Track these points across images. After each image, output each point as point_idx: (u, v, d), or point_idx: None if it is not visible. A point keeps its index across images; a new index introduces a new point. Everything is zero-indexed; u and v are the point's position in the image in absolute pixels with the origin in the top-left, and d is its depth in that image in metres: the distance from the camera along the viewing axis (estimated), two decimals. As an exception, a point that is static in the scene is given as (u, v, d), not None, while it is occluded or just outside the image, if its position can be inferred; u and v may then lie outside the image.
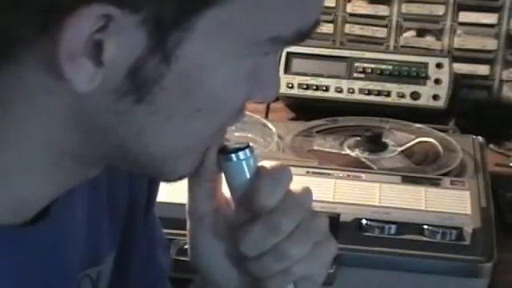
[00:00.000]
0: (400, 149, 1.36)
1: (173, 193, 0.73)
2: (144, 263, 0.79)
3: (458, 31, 1.65)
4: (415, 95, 1.56)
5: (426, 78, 1.56)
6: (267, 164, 0.65)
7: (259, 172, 0.65)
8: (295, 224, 0.64)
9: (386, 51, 1.66)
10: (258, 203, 0.64)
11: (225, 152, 0.64)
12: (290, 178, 0.65)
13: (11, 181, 0.58)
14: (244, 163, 0.64)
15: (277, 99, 1.61)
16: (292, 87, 1.59)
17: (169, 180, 0.64)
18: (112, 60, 0.52)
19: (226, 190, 0.67)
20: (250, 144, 0.65)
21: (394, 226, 1.11)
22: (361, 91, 1.57)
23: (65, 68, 0.52)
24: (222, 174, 0.66)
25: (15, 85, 0.55)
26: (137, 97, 0.54)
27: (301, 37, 0.57)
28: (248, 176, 0.65)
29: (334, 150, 1.36)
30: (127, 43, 0.52)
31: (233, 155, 0.64)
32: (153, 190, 0.79)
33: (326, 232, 0.67)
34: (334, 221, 1.09)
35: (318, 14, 0.58)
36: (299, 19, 0.56)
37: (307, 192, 0.67)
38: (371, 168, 1.29)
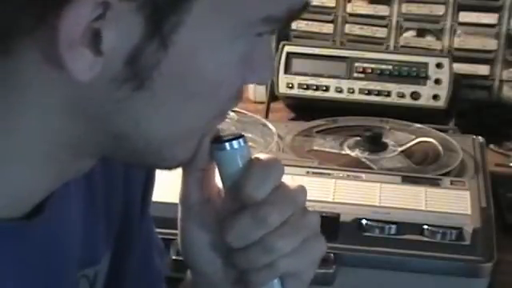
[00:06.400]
0: (400, 149, 1.36)
1: (171, 193, 0.73)
2: (141, 264, 0.79)
3: (458, 31, 1.65)
4: (415, 95, 1.56)
5: (426, 78, 1.56)
6: (260, 156, 0.65)
7: (251, 163, 0.64)
8: (283, 218, 0.64)
9: (386, 51, 1.65)
10: (246, 193, 0.63)
11: (218, 141, 0.64)
12: (282, 172, 0.65)
13: (6, 173, 0.58)
14: (237, 153, 0.64)
15: (277, 99, 1.61)
16: (292, 87, 1.59)
17: (169, 167, 0.64)
18: (111, 48, 0.52)
19: (218, 181, 0.67)
20: (243, 134, 0.65)
21: (394, 226, 1.11)
22: (361, 91, 1.57)
23: (64, 57, 0.52)
24: (215, 164, 0.66)
25: (11, 76, 0.55)
26: (136, 83, 0.54)
27: (292, 16, 0.57)
28: (240, 166, 0.64)
29: (334, 150, 1.36)
30: (125, 30, 0.52)
31: (226, 144, 0.64)
32: (147, 189, 0.78)
33: (316, 229, 0.67)
34: (334, 221, 1.09)
35: None
36: None
37: (301, 189, 0.66)
38: (371, 168, 1.29)
